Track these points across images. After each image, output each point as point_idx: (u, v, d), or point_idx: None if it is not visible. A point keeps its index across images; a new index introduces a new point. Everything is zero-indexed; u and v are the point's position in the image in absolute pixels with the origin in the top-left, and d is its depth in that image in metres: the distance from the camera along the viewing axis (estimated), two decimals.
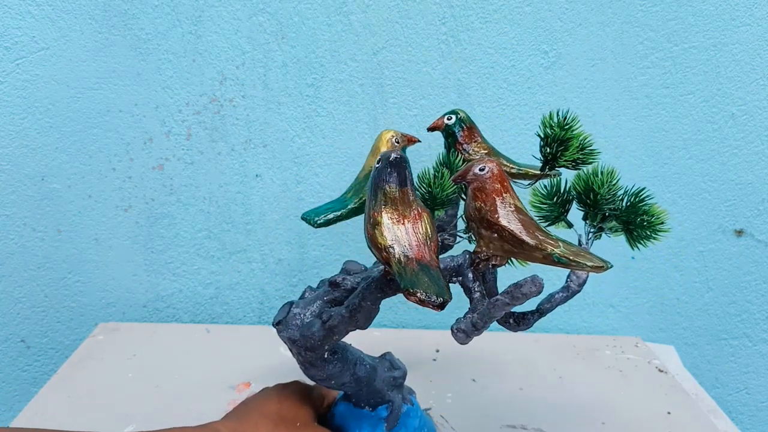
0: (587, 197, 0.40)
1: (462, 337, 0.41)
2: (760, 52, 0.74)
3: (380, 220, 0.37)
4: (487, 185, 0.38)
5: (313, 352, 0.46)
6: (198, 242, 0.80)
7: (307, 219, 0.49)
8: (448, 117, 0.52)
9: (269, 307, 0.84)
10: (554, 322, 0.85)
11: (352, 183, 0.51)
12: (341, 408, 0.54)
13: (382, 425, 0.52)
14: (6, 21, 0.69)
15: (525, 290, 0.37)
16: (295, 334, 0.46)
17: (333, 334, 0.45)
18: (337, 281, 0.47)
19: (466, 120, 0.52)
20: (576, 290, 0.44)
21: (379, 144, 0.51)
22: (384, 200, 0.37)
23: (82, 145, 0.74)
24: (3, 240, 0.77)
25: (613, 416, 0.64)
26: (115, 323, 0.80)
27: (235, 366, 0.70)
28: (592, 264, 0.37)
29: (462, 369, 0.72)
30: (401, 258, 0.36)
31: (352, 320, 0.44)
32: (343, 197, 0.51)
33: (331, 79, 0.74)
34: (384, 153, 0.38)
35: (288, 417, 0.49)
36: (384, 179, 0.37)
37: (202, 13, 0.71)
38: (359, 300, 0.43)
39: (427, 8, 0.72)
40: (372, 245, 0.37)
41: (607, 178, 0.40)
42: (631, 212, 0.40)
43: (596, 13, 0.72)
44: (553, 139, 0.42)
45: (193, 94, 0.74)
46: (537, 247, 0.37)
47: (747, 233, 0.81)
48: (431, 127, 0.53)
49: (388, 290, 0.42)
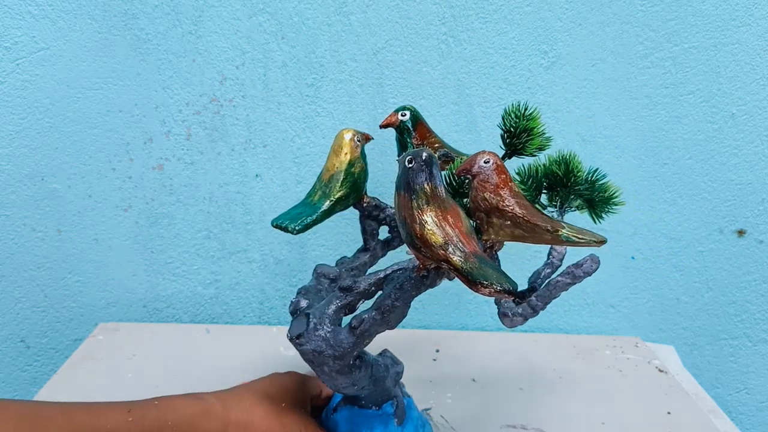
0: (567, 179, 0.44)
1: (519, 321, 0.42)
2: (760, 52, 0.74)
3: (426, 220, 0.37)
4: (494, 176, 0.40)
5: (342, 360, 0.45)
6: (198, 242, 0.80)
7: (282, 226, 0.47)
8: (401, 113, 0.52)
9: (269, 307, 0.84)
10: (554, 322, 0.85)
11: (316, 185, 0.50)
12: (345, 413, 0.53)
13: (392, 421, 0.52)
14: (6, 21, 0.69)
15: (586, 268, 0.40)
16: (321, 345, 0.44)
17: (364, 339, 0.44)
18: (349, 286, 0.46)
19: (417, 115, 0.52)
20: (558, 265, 0.47)
21: (341, 143, 0.50)
22: (425, 199, 0.37)
23: (82, 145, 0.74)
24: (3, 240, 0.77)
25: (613, 416, 0.64)
26: (115, 323, 0.80)
27: (235, 366, 0.70)
28: (594, 240, 0.40)
29: (462, 369, 0.72)
30: (460, 254, 0.36)
31: (383, 322, 0.44)
32: (309, 201, 0.49)
33: (331, 79, 0.74)
34: (413, 153, 0.38)
35: (275, 396, 0.51)
36: (422, 178, 0.38)
37: (202, 13, 0.71)
38: (392, 301, 0.43)
39: (427, 8, 0.72)
40: (424, 246, 0.37)
41: (578, 162, 0.44)
42: (592, 191, 0.44)
43: (596, 13, 0.72)
44: (521, 129, 0.45)
45: (193, 94, 0.74)
46: (547, 230, 0.40)
47: (748, 233, 0.81)
48: (384, 124, 0.52)
49: (422, 287, 0.43)
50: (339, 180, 0.49)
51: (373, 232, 0.55)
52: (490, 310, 0.85)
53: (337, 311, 0.46)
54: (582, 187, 0.43)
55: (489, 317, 0.85)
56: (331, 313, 0.46)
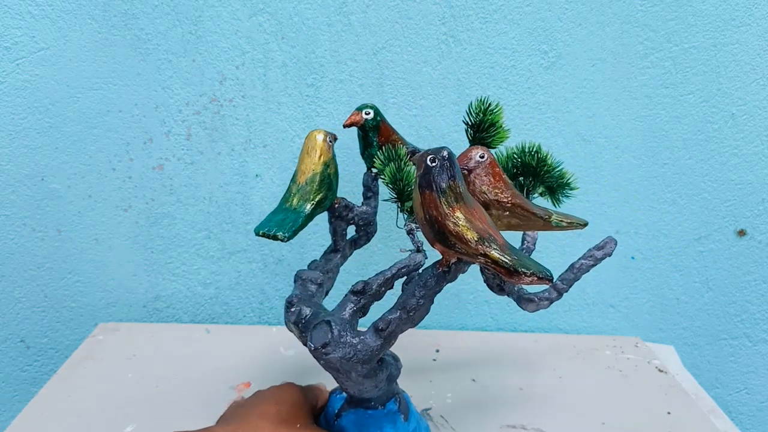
0: (539, 169, 0.47)
1: (545, 305, 0.44)
2: (760, 52, 0.74)
3: (459, 216, 0.38)
4: (489, 170, 0.42)
5: (369, 364, 0.45)
6: (198, 242, 0.80)
7: (271, 234, 0.45)
8: (365, 112, 0.51)
9: (269, 307, 0.84)
10: (554, 322, 0.85)
11: (291, 189, 0.49)
12: (352, 417, 0.52)
13: (399, 418, 0.52)
14: (6, 21, 0.69)
15: (607, 249, 0.43)
16: (349, 351, 0.44)
17: (390, 340, 0.45)
18: (362, 289, 0.46)
19: (379, 113, 0.52)
20: (532, 248, 0.50)
21: (314, 145, 0.49)
22: (454, 197, 0.38)
23: (82, 145, 0.74)
24: (3, 240, 0.77)
25: (613, 416, 0.64)
26: (115, 323, 0.80)
27: (235, 366, 0.70)
28: (579, 223, 0.46)
29: (462, 369, 0.72)
30: (497, 247, 0.38)
31: (409, 320, 0.44)
32: (288, 206, 0.48)
33: (331, 79, 0.74)
34: (433, 151, 0.39)
35: (288, 418, 0.49)
36: (447, 176, 0.38)
37: (202, 13, 0.71)
38: (417, 299, 0.43)
39: (427, 8, 0.72)
40: (460, 242, 0.38)
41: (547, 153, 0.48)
42: (551, 178, 0.48)
43: (596, 13, 0.72)
44: (488, 124, 0.47)
45: (193, 94, 0.74)
46: (541, 217, 0.44)
47: (748, 233, 0.81)
48: (347, 123, 0.52)
49: (443, 282, 0.44)
50: (317, 182, 0.48)
51: (342, 233, 0.55)
52: (490, 310, 0.85)
53: (353, 315, 0.46)
54: (549, 175, 0.47)
55: (489, 317, 0.85)
56: (349, 318, 0.45)
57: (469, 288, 0.83)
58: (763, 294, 0.84)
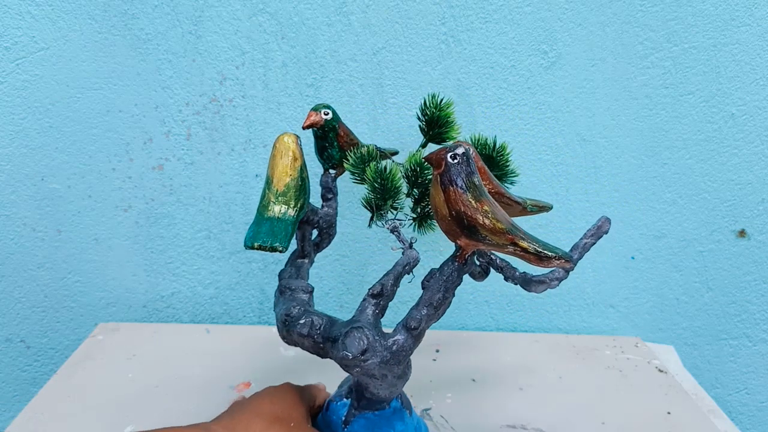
0: (499, 159, 0.51)
1: (555, 284, 0.46)
2: (760, 52, 0.74)
3: (487, 210, 0.39)
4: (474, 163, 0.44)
5: (401, 364, 0.45)
6: (198, 242, 0.80)
7: (267, 246, 0.43)
8: (324, 112, 0.50)
9: (269, 307, 0.84)
10: (554, 322, 0.85)
11: (267, 197, 0.47)
12: (362, 422, 0.51)
13: (405, 414, 0.52)
14: (6, 21, 0.69)
15: (605, 228, 0.46)
16: (386, 355, 0.43)
17: (419, 338, 0.45)
18: (380, 291, 0.45)
19: (336, 114, 0.51)
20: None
21: (287, 149, 0.48)
22: (478, 192, 0.40)
23: (82, 145, 0.74)
24: (3, 240, 0.77)
25: (613, 416, 0.64)
26: (115, 323, 0.80)
27: (235, 366, 0.70)
28: (546, 206, 0.52)
29: (462, 369, 0.72)
30: (522, 235, 0.40)
31: (435, 315, 0.45)
32: (271, 215, 0.46)
33: (331, 79, 0.74)
34: (451, 148, 0.39)
35: (282, 416, 0.49)
36: (467, 172, 0.39)
37: (202, 13, 0.71)
38: (442, 293, 0.44)
39: (427, 8, 0.72)
40: (492, 234, 0.39)
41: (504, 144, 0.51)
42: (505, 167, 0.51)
43: (596, 13, 0.72)
44: (442, 120, 0.50)
45: (192, 94, 0.74)
46: (520, 204, 0.48)
47: (748, 233, 0.81)
48: (307, 124, 0.50)
49: (462, 274, 0.45)
50: (297, 187, 0.47)
51: (309, 237, 0.54)
52: (490, 310, 0.85)
53: (376, 318, 0.45)
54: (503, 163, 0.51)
55: (489, 317, 0.85)
56: (374, 321, 0.45)
57: (469, 288, 0.83)
58: (763, 294, 0.84)
